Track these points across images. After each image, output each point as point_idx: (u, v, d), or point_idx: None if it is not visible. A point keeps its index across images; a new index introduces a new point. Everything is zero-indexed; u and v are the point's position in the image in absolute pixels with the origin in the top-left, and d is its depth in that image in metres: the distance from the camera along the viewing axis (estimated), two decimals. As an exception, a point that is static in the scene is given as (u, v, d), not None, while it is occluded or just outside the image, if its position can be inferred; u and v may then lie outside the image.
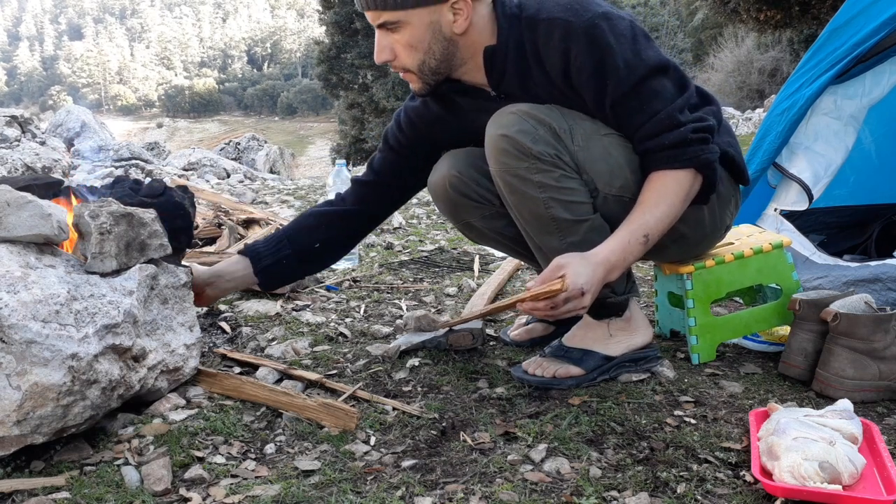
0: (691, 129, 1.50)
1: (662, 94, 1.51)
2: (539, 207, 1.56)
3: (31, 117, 8.21)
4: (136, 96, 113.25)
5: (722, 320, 1.84)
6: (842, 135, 2.29)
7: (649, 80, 1.50)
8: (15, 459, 1.32)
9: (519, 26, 1.55)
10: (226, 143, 11.85)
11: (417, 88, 1.64)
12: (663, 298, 1.98)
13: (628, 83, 1.49)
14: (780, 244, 1.85)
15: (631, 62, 1.48)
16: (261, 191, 5.41)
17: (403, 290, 2.53)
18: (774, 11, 12.84)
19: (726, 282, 1.82)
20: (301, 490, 1.25)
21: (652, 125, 1.51)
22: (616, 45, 1.47)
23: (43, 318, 1.30)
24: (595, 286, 1.45)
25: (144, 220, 1.58)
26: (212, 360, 1.84)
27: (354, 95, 23.39)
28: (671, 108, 1.50)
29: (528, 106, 1.55)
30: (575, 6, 1.50)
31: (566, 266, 1.43)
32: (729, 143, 1.67)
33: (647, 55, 1.50)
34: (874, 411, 1.56)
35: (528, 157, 1.52)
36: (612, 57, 1.47)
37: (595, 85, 1.51)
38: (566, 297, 1.42)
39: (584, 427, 1.47)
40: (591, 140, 1.55)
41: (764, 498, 1.22)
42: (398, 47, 1.56)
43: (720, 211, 1.70)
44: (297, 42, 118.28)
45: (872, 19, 2.20)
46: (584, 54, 1.48)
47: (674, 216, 1.53)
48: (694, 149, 1.50)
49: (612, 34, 1.47)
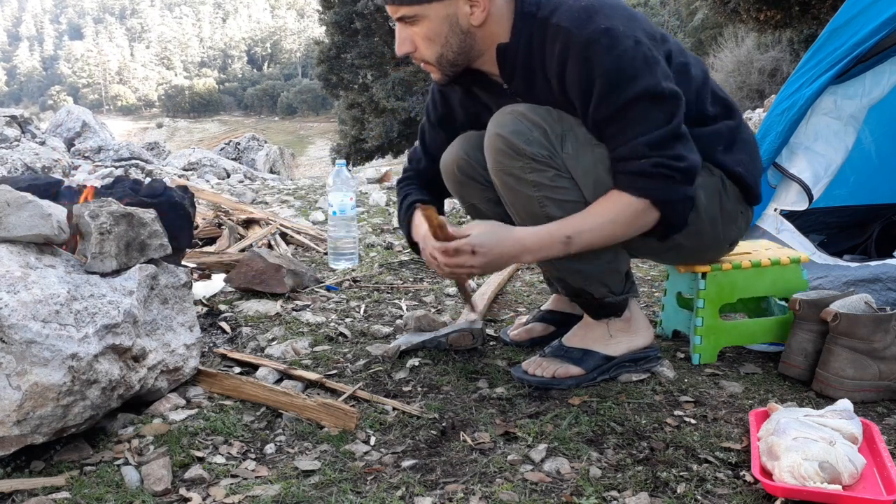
0: (653, 163, 1.47)
1: (644, 121, 1.47)
2: (534, 206, 1.57)
3: (31, 117, 8.21)
4: (136, 96, 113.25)
5: (728, 325, 1.84)
6: (842, 135, 2.29)
7: (634, 106, 1.46)
8: (15, 459, 1.32)
9: (532, 26, 1.54)
10: (226, 143, 11.85)
11: (437, 79, 1.65)
12: (671, 298, 1.98)
13: (612, 107, 1.47)
14: (798, 259, 1.84)
15: (619, 86, 1.45)
16: (261, 191, 5.41)
17: (403, 290, 2.53)
18: (774, 11, 12.83)
19: (740, 287, 1.81)
20: (301, 490, 1.25)
21: (625, 149, 1.50)
22: (609, 65, 1.44)
23: (43, 318, 1.30)
24: (492, 255, 1.52)
25: (144, 220, 1.58)
26: (212, 360, 1.84)
27: (354, 95, 23.37)
28: (646, 137, 1.47)
29: (525, 107, 1.56)
30: (583, 16, 1.47)
31: (482, 225, 1.52)
32: (739, 161, 1.64)
33: (639, 80, 1.45)
34: (874, 411, 1.56)
35: (522, 156, 1.54)
36: (601, 77, 1.45)
37: (582, 101, 1.51)
38: (457, 246, 1.50)
39: (584, 427, 1.47)
40: (582, 150, 1.56)
41: (764, 498, 1.22)
42: (417, 40, 1.56)
43: (724, 226, 1.68)
44: (297, 42, 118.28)
45: (872, 19, 2.20)
46: (577, 68, 1.47)
47: (609, 234, 1.54)
48: (652, 182, 1.48)
49: (609, 54, 1.44)
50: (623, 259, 1.68)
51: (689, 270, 1.81)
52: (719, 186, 1.63)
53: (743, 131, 1.68)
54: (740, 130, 1.66)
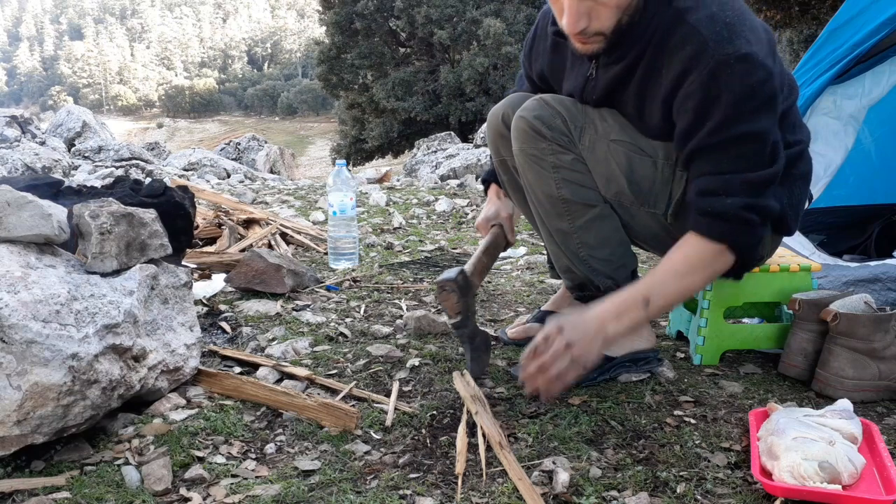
0: (743, 205, 1.40)
1: (749, 159, 1.40)
2: (551, 187, 1.60)
3: (32, 117, 8.21)
4: (137, 96, 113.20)
5: (733, 328, 1.83)
6: (841, 135, 2.29)
7: (745, 141, 1.39)
8: (15, 459, 1.32)
9: (665, 13, 1.44)
10: (226, 143, 11.85)
11: (593, 49, 1.52)
12: None
13: (724, 135, 1.39)
14: (808, 268, 1.82)
15: (739, 118, 1.37)
16: (261, 191, 5.41)
17: (403, 290, 2.53)
18: (774, 11, 12.83)
19: (746, 292, 1.79)
20: (301, 490, 1.25)
21: (717, 182, 1.42)
22: (738, 94, 1.36)
23: (43, 318, 1.30)
24: (584, 342, 1.38)
25: (145, 221, 1.58)
26: (212, 360, 1.84)
27: (354, 95, 23.39)
28: (744, 175, 1.40)
29: (551, 97, 1.61)
30: (724, 33, 1.37)
31: (556, 319, 1.40)
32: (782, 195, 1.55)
33: (761, 119, 1.38)
34: (874, 411, 1.56)
35: (544, 139, 1.58)
36: (727, 103, 1.37)
37: (692, 119, 1.42)
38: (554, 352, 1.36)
39: (584, 427, 1.47)
40: (598, 143, 1.58)
41: (764, 498, 1.23)
42: (601, 10, 1.44)
43: None
44: (297, 42, 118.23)
45: (872, 19, 2.20)
46: (701, 83, 1.38)
47: (688, 288, 1.47)
48: (733, 227, 1.41)
49: (740, 82, 1.35)
50: (631, 256, 1.69)
51: None
52: None
53: (798, 165, 1.60)
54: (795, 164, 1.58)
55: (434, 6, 20.75)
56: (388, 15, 21.64)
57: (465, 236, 3.57)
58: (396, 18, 21.48)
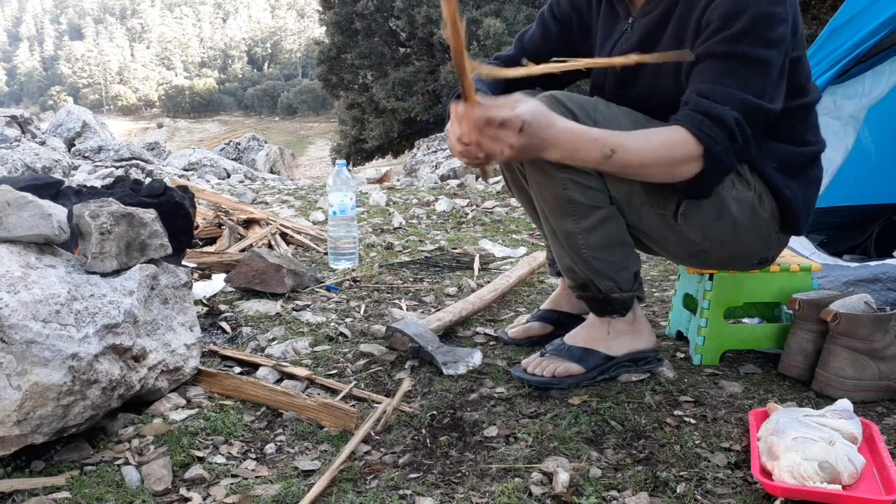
0: (736, 119, 1.43)
1: (749, 82, 1.45)
2: (558, 188, 1.57)
3: (32, 117, 8.22)
4: (137, 96, 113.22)
5: (733, 328, 1.83)
6: (841, 135, 2.29)
7: (749, 64, 1.45)
8: (15, 459, 1.32)
9: None
10: (226, 143, 11.86)
11: None
12: (679, 299, 1.98)
13: (733, 47, 1.45)
14: (809, 268, 1.82)
15: (751, 34, 1.43)
16: (261, 191, 5.41)
17: (403, 290, 2.53)
18: (774, 11, 12.84)
19: (746, 291, 1.79)
20: (301, 490, 1.25)
21: (713, 88, 1.46)
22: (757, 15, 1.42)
23: (43, 318, 1.30)
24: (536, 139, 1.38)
25: (145, 221, 1.58)
26: (212, 360, 1.84)
27: (354, 95, 23.38)
28: (743, 94, 1.44)
29: (563, 94, 1.58)
30: None
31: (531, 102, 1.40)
32: (787, 185, 1.61)
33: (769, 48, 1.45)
34: (874, 411, 1.56)
35: None
36: (744, 19, 1.43)
37: (715, 26, 1.46)
38: (505, 119, 1.34)
39: (584, 427, 1.47)
40: (609, 125, 1.54)
41: (764, 498, 1.23)
42: None
43: (751, 238, 1.65)
44: (297, 42, 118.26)
45: (872, 19, 2.20)
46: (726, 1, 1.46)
47: (649, 160, 1.46)
48: (719, 134, 1.44)
49: (766, 7, 1.43)
50: (634, 259, 1.68)
51: (696, 272, 1.81)
52: (754, 201, 1.60)
53: (814, 167, 1.65)
54: (812, 166, 1.64)
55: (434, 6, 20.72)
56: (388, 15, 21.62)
57: (465, 236, 3.57)
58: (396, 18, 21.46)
